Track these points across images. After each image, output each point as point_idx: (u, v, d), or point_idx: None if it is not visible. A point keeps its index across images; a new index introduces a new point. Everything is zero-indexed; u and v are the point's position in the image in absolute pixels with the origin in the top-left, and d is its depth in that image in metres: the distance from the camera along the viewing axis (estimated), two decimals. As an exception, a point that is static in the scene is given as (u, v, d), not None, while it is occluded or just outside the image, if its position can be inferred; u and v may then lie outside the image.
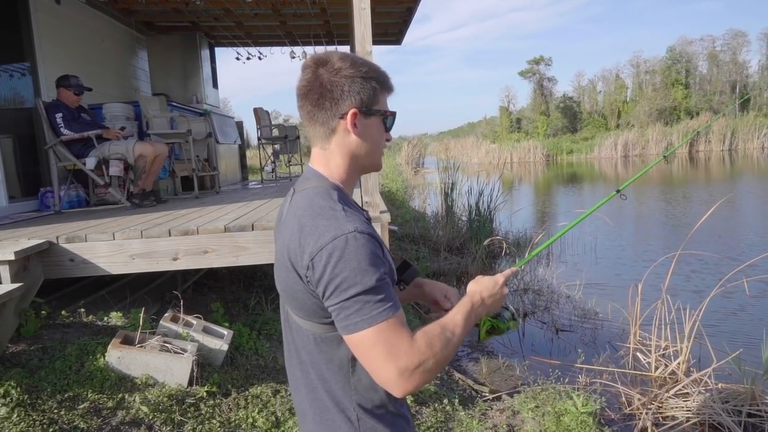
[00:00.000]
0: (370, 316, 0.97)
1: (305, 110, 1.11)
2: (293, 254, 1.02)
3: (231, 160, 8.52)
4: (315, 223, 1.01)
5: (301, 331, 1.09)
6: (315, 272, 0.98)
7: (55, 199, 4.83)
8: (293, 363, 1.15)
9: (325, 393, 1.09)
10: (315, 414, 1.11)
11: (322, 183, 1.11)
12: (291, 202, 1.12)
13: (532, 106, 55.21)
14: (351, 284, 0.96)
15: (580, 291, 5.92)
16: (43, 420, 2.30)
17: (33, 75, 5.33)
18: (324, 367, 1.08)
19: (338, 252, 0.96)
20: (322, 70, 1.08)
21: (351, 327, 0.97)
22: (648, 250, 8.01)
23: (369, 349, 0.97)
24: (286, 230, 1.07)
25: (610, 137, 36.74)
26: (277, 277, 1.11)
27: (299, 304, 1.06)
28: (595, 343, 4.76)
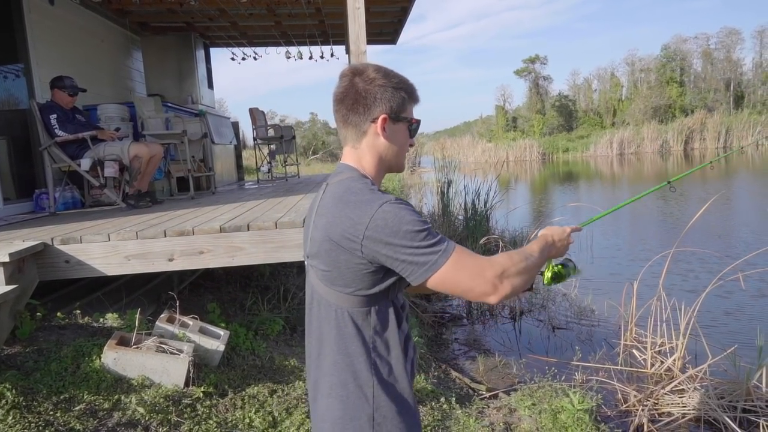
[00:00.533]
0: (442, 250, 1.10)
1: (340, 114, 1.25)
2: (342, 229, 1.12)
3: (227, 161, 8.50)
4: (358, 198, 1.14)
5: (330, 307, 1.18)
6: (375, 236, 1.09)
7: (50, 201, 4.81)
8: (313, 340, 1.25)
9: (345, 367, 1.17)
10: (330, 389, 1.18)
11: (354, 173, 1.25)
12: (326, 192, 1.24)
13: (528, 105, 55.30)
14: (412, 233, 1.09)
15: (576, 289, 5.93)
16: (39, 422, 2.29)
17: (27, 76, 5.30)
18: (349, 342, 1.17)
19: (390, 214, 1.10)
20: (357, 79, 1.23)
21: (431, 267, 1.09)
22: (644, 249, 8.04)
23: (455, 277, 1.10)
24: (327, 213, 1.17)
25: (606, 135, 36.87)
26: (318, 254, 1.18)
27: (342, 277, 1.15)
28: (592, 341, 4.77)
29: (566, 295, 5.88)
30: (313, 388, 1.25)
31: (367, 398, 1.15)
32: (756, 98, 46.31)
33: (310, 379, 1.28)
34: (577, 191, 17.11)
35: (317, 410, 1.23)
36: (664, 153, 33.42)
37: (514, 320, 5.45)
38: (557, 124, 51.12)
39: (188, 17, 7.64)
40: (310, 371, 1.28)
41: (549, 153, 36.95)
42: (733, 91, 47.91)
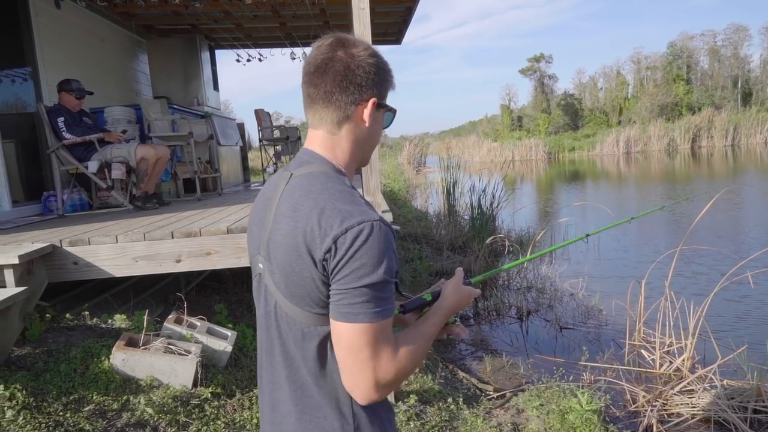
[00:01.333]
0: (372, 312, 0.92)
1: (321, 89, 1.03)
2: (309, 237, 0.94)
3: (233, 162, 8.54)
4: (336, 206, 0.96)
5: (296, 324, 1.00)
6: (336, 254, 0.92)
7: (58, 203, 4.85)
8: (276, 360, 1.05)
9: (317, 389, 1.00)
10: (302, 412, 1.02)
11: (327, 167, 1.06)
12: (290, 183, 1.04)
13: (533, 104, 55.16)
14: (366, 273, 0.92)
15: (583, 289, 5.91)
16: (49, 422, 2.31)
17: (34, 79, 5.35)
18: (315, 361, 1.00)
19: (363, 236, 0.92)
20: (343, 52, 1.03)
21: (350, 316, 0.92)
22: (651, 248, 8.00)
23: (356, 344, 0.93)
24: (295, 215, 0.98)
25: (612, 134, 36.69)
26: (280, 263, 0.99)
27: (304, 292, 0.97)
28: (599, 341, 4.75)
29: (573, 295, 5.86)
30: (276, 410, 1.06)
31: (345, 418, 1.00)
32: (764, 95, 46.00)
33: (267, 400, 1.08)
34: (583, 191, 17.06)
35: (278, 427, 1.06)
36: (671, 151, 33.24)
37: (521, 320, 5.43)
38: (563, 123, 50.97)
39: (193, 19, 7.68)
40: (267, 392, 1.08)
41: (555, 152, 36.82)
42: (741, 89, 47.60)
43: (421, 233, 8.25)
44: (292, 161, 1.12)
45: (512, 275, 6.60)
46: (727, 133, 34.16)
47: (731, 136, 34.10)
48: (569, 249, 8.24)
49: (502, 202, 8.56)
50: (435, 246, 7.69)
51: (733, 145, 33.46)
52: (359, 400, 0.98)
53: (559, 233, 8.89)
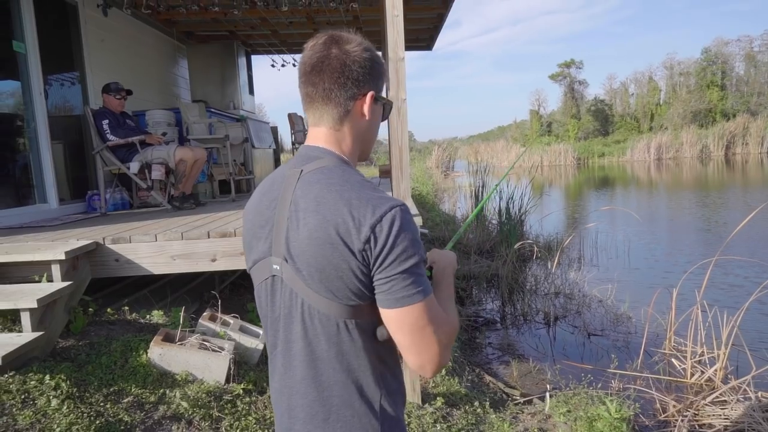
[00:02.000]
0: (423, 290, 0.94)
1: (321, 87, 1.03)
2: (343, 229, 0.93)
3: (266, 164, 8.65)
4: (363, 195, 0.96)
5: (324, 316, 0.97)
6: (378, 241, 0.92)
7: (102, 202, 4.99)
8: (296, 363, 1.01)
9: (349, 385, 0.99)
10: (328, 408, 0.99)
11: (338, 161, 1.05)
12: (304, 180, 1.01)
13: (563, 110, 54.29)
14: (410, 255, 0.93)
15: (613, 295, 5.78)
16: (90, 412, 2.37)
17: (82, 84, 5.53)
18: (352, 355, 0.98)
19: (398, 222, 0.93)
20: (337, 49, 1.03)
21: (406, 300, 0.93)
22: (683, 256, 7.77)
23: (419, 324, 0.94)
24: (323, 204, 0.96)
25: (643, 140, 35.83)
26: (308, 259, 0.96)
27: (341, 284, 0.95)
28: (628, 349, 4.64)
29: (602, 301, 5.74)
30: (296, 416, 1.02)
31: (376, 415, 0.99)
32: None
33: (285, 406, 1.05)
34: (612, 197, 16.70)
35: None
36: (703, 158, 32.26)
37: (549, 326, 5.34)
38: (592, 129, 50.02)
39: (231, 26, 7.82)
40: (286, 397, 1.05)
41: (584, 158, 36.17)
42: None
43: (449, 237, 8.21)
44: (293, 159, 1.10)
45: (539, 280, 6.50)
46: (762, 140, 32.98)
47: (767, 144, 32.91)
48: (599, 253, 8.07)
49: (530, 208, 8.44)
50: (463, 250, 7.64)
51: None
52: (430, 374, 0.98)
53: (588, 238, 8.72)
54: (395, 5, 3.07)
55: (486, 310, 5.92)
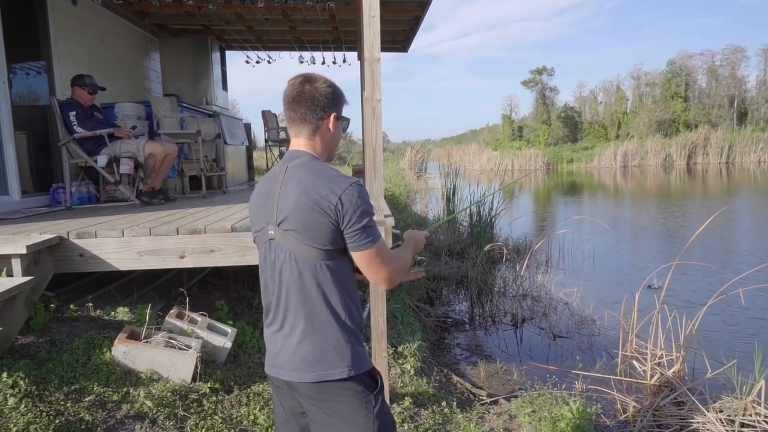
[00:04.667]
0: (375, 236, 1.45)
1: (299, 113, 1.52)
2: (320, 195, 1.40)
3: (238, 161, 8.53)
4: (331, 175, 1.45)
5: (307, 260, 1.44)
6: (344, 205, 1.40)
7: (67, 195, 4.84)
8: (287, 291, 1.47)
9: (324, 304, 1.45)
10: (311, 325, 1.46)
11: (312, 158, 1.54)
12: (289, 171, 1.49)
13: (534, 115, 55.19)
14: (366, 213, 1.43)
15: (578, 298, 5.90)
16: (50, 411, 2.30)
17: (48, 74, 5.35)
18: (327, 285, 1.45)
19: (357, 191, 1.42)
20: (309, 86, 1.51)
21: (367, 244, 1.43)
22: (646, 261, 7.99)
23: (375, 258, 1.46)
24: (301, 185, 1.43)
25: (610, 147, 36.68)
26: (296, 220, 1.43)
27: (318, 234, 1.42)
28: (592, 350, 4.75)
29: (568, 304, 5.85)
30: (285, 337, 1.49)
31: (343, 324, 1.46)
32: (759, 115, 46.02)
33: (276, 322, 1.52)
34: (580, 202, 17.06)
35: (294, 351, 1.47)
36: (667, 167, 33.23)
37: (516, 327, 5.42)
38: (562, 135, 50.97)
39: (206, 20, 7.69)
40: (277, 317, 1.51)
41: (553, 163, 36.83)
42: (737, 108, 47.64)
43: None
44: (282, 160, 1.56)
45: (508, 282, 6.59)
46: (722, 151, 34.18)
47: (726, 154, 34.12)
48: (565, 257, 8.23)
49: (500, 211, 8.55)
50: (433, 251, 7.68)
51: (728, 163, 33.48)
52: (385, 287, 1.55)
53: (556, 242, 8.89)
54: (372, 6, 3.07)
55: (455, 311, 5.97)
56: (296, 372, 1.46)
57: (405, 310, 4.82)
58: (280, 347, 1.50)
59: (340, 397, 1.45)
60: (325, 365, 1.44)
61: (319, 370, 1.44)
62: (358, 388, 1.45)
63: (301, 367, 1.45)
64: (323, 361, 1.44)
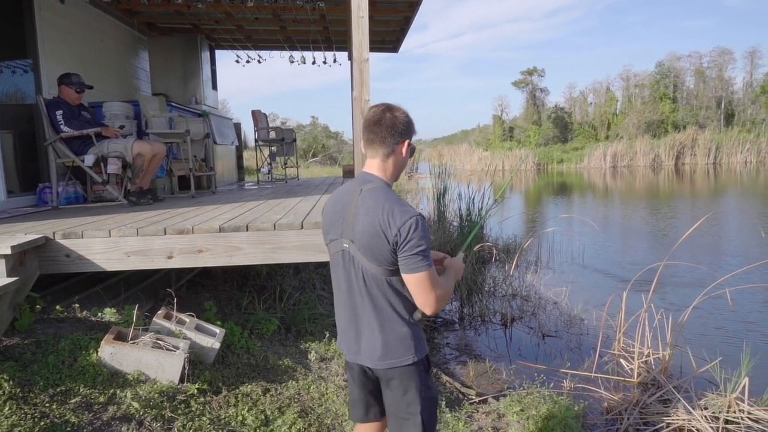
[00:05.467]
0: (426, 264, 1.66)
1: (379, 135, 1.74)
2: (384, 225, 1.64)
3: (228, 161, 8.50)
4: (396, 208, 1.66)
5: (376, 276, 1.72)
6: (402, 235, 1.63)
7: (53, 195, 4.80)
8: (361, 297, 1.76)
9: (391, 308, 1.74)
10: (382, 324, 1.75)
11: (383, 184, 1.77)
12: (363, 195, 1.73)
13: (525, 116, 55.45)
14: (419, 244, 1.64)
15: (567, 298, 5.94)
16: (35, 414, 2.28)
17: (35, 72, 5.30)
18: (392, 295, 1.73)
19: (415, 225, 1.63)
20: (390, 114, 1.74)
21: (416, 269, 1.65)
22: (635, 261, 8.06)
23: (422, 283, 1.67)
24: (370, 213, 1.68)
25: (600, 148, 36.96)
26: (364, 242, 1.69)
27: (381, 257, 1.68)
28: (580, 349, 4.78)
29: (557, 303, 5.89)
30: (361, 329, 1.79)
31: (406, 322, 1.76)
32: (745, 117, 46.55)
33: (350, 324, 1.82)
34: (570, 203, 17.16)
35: (370, 344, 1.78)
36: (655, 167, 33.54)
37: (505, 327, 5.45)
38: (552, 136, 51.26)
39: (195, 19, 7.65)
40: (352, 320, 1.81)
41: (544, 163, 37.03)
42: (724, 109, 48.17)
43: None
44: (356, 179, 1.82)
45: (498, 282, 6.62)
46: (709, 152, 34.55)
47: (713, 155, 34.49)
48: (555, 257, 8.28)
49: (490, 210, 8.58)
50: (424, 251, 7.68)
51: (715, 163, 33.85)
52: (429, 311, 1.73)
53: (545, 242, 8.94)
54: (361, 6, 3.07)
55: (444, 311, 5.99)
56: (373, 360, 1.78)
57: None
58: (354, 339, 1.82)
59: (405, 378, 1.78)
60: (393, 354, 1.76)
61: (389, 358, 1.76)
62: (418, 369, 1.79)
63: (374, 356, 1.77)
64: (393, 351, 1.76)
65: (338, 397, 3.13)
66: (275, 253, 3.12)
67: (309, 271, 5.56)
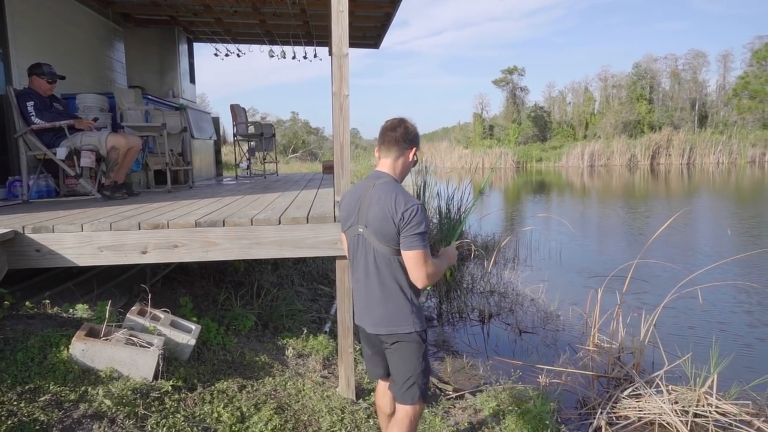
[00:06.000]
0: (422, 245, 2.05)
1: (395, 139, 2.18)
2: (392, 211, 2.06)
3: (206, 156, 8.38)
4: (405, 196, 2.10)
5: (384, 254, 2.12)
6: (404, 219, 2.04)
7: (24, 188, 4.68)
8: (371, 272, 2.16)
9: (395, 284, 2.14)
10: (385, 295, 2.15)
11: (392, 179, 2.20)
12: (375, 188, 2.15)
13: (505, 114, 55.87)
14: (418, 227, 2.04)
15: (544, 294, 6.02)
16: (2, 412, 2.22)
17: (5, 62, 5.15)
18: (397, 271, 2.13)
19: (415, 211, 2.04)
20: (404, 124, 2.21)
21: (412, 247, 2.05)
22: (611, 259, 8.19)
23: (417, 260, 2.05)
24: (381, 201, 2.09)
25: (578, 147, 37.44)
26: (375, 226, 2.10)
27: (389, 238, 2.08)
28: (556, 345, 4.85)
29: (534, 300, 5.96)
30: (371, 301, 2.20)
31: (408, 299, 2.16)
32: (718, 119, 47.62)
33: (364, 296, 2.22)
34: (548, 201, 17.35)
35: (375, 313, 2.19)
36: (632, 167, 34.13)
37: (483, 323, 5.50)
38: (532, 134, 51.75)
39: (172, 11, 7.52)
40: (365, 293, 2.21)
41: (523, 161, 37.39)
42: (698, 111, 49.19)
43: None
44: (371, 176, 2.24)
45: (476, 279, 6.67)
46: (683, 152, 35.27)
47: (687, 155, 35.22)
48: (532, 254, 8.38)
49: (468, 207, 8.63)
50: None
51: (689, 164, 34.58)
52: (420, 285, 2.11)
53: (523, 240, 9.03)
54: (341, 1, 3.05)
55: (423, 308, 6.02)
56: (376, 327, 2.20)
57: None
58: (364, 309, 2.23)
59: (404, 343, 2.17)
60: (395, 323, 2.15)
61: (392, 325, 2.16)
62: (415, 339, 2.17)
63: (379, 324, 2.18)
64: (394, 320, 2.15)
65: (315, 393, 3.12)
66: (252, 249, 3.10)
67: (287, 267, 5.53)
